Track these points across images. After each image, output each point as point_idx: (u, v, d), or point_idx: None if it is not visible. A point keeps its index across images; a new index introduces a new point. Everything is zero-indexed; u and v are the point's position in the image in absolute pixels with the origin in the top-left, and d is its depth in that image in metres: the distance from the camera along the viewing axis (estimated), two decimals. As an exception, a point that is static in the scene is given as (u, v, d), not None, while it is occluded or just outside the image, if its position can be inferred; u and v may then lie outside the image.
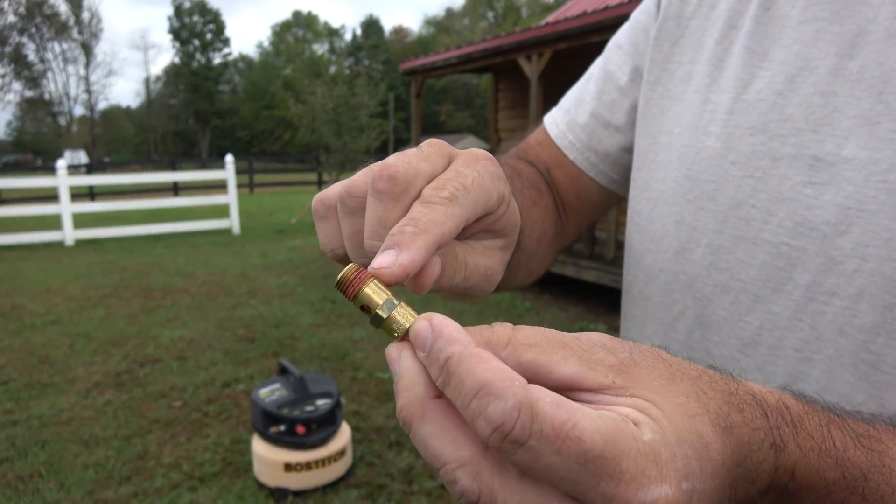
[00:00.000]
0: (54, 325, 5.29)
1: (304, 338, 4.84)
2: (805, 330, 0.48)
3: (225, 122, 64.97)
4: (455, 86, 55.16)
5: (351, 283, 0.32)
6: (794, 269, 0.49)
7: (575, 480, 0.25)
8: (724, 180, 0.54)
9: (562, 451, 0.25)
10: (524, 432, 0.25)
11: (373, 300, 0.31)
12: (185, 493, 2.70)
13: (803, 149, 0.49)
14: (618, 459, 0.25)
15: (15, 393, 3.82)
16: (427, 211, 0.33)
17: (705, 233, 0.55)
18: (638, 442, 0.26)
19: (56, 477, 2.85)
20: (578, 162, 0.71)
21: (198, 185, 19.18)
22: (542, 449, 0.25)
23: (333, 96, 11.56)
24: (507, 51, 7.86)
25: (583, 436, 0.25)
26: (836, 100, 0.48)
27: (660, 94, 0.63)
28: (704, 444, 0.29)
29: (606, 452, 0.25)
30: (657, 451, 0.26)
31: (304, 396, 2.78)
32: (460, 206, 0.34)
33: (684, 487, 0.27)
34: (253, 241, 10.06)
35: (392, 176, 0.34)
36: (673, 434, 0.27)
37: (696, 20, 0.61)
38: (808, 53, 0.50)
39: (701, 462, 0.28)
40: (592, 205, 0.73)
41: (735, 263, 0.53)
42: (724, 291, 0.54)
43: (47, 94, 61.03)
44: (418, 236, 0.32)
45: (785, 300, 0.49)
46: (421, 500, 2.66)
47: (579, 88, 0.74)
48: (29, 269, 7.81)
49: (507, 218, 0.40)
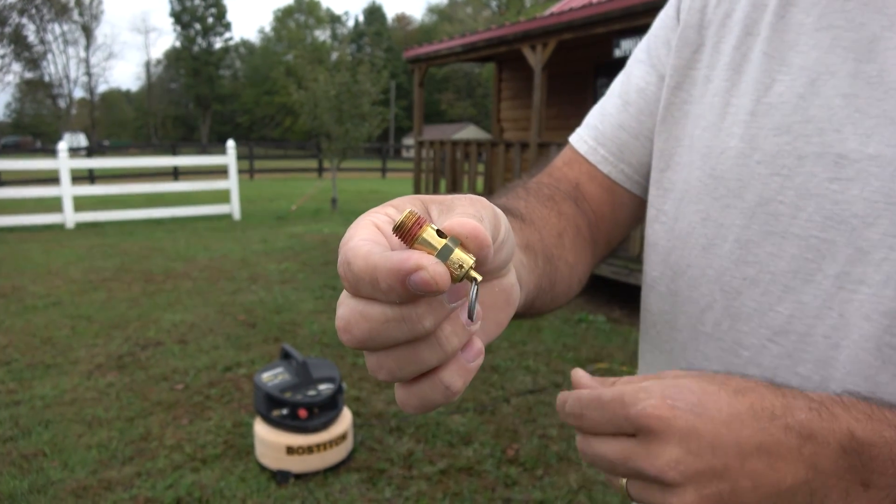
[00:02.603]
0: (56, 306, 5.31)
1: (304, 324, 4.87)
2: (834, 317, 0.50)
3: (225, 108, 64.69)
4: (457, 75, 54.88)
5: (410, 230, 0.31)
6: (824, 260, 0.51)
7: (608, 420, 0.45)
8: (749, 178, 0.56)
9: (601, 409, 0.44)
10: (577, 409, 0.47)
11: (430, 246, 0.31)
12: (188, 473, 2.73)
13: (828, 147, 0.51)
14: (620, 396, 0.45)
15: (18, 373, 3.84)
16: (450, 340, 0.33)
17: (732, 228, 0.57)
18: (634, 386, 0.45)
19: (60, 456, 2.88)
20: (613, 175, 0.72)
21: (198, 170, 19.15)
22: (590, 413, 0.45)
23: (335, 83, 11.50)
24: (511, 40, 7.83)
25: (601, 396, 0.47)
26: (857, 101, 0.50)
27: (681, 98, 0.65)
28: (703, 390, 0.43)
29: (615, 396, 0.45)
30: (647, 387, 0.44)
31: (306, 381, 2.81)
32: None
33: (668, 403, 0.42)
34: (253, 227, 10.07)
35: (343, 329, 0.32)
36: (670, 382, 0.45)
37: (713, 28, 0.63)
38: (826, 59, 0.52)
39: (696, 398, 0.42)
40: (627, 214, 0.74)
41: (764, 257, 0.55)
42: (754, 284, 0.56)
43: (47, 75, 60.70)
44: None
45: (815, 290, 0.52)
46: (420, 484, 2.69)
47: (602, 105, 0.75)
48: (30, 251, 7.82)
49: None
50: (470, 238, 0.31)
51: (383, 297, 0.31)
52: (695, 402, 0.41)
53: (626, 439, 0.42)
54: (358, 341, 0.32)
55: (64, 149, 10.01)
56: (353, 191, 17.24)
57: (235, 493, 2.60)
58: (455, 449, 2.99)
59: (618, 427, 0.42)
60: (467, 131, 42.81)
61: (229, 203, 11.18)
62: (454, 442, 3.05)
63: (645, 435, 0.41)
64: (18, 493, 2.58)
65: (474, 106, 56.79)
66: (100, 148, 28.99)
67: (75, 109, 64.60)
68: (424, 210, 0.36)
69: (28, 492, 2.59)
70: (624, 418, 0.42)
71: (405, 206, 0.35)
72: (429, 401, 0.34)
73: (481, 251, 0.31)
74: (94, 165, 15.29)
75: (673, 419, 0.40)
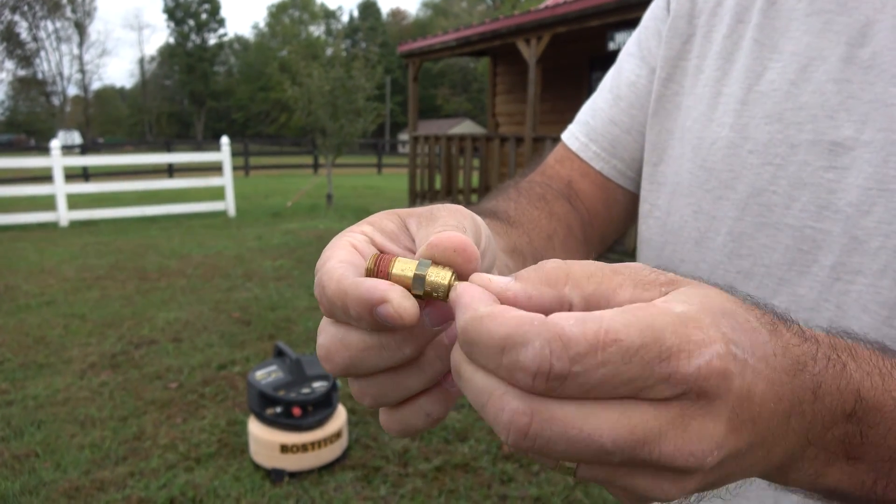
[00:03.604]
0: (49, 305, 5.27)
1: (299, 321, 4.85)
2: (831, 309, 0.49)
3: (220, 104, 64.51)
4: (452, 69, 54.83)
5: (379, 270, 0.31)
6: (819, 250, 0.50)
7: (630, 380, 0.25)
8: (741, 169, 0.55)
9: (606, 361, 0.24)
10: (563, 363, 0.24)
11: (403, 275, 0.31)
12: (182, 473, 2.71)
13: (821, 135, 0.50)
14: (659, 340, 0.25)
15: (10, 373, 3.82)
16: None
17: (725, 221, 0.56)
18: (671, 315, 0.26)
19: (52, 457, 2.86)
20: (605, 171, 0.71)
21: (193, 167, 19.09)
22: (587, 369, 0.24)
23: (330, 78, 11.45)
24: (505, 34, 7.80)
25: (618, 336, 0.24)
26: (850, 86, 0.49)
27: (673, 90, 0.64)
28: (752, 326, 0.28)
29: (646, 338, 0.25)
30: (696, 317, 0.26)
31: (300, 379, 2.79)
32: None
33: (734, 350, 0.26)
34: (248, 224, 10.03)
35: (324, 357, 0.32)
36: (714, 306, 0.27)
37: (703, 16, 0.62)
38: (818, 44, 0.51)
39: (750, 339, 0.27)
40: (620, 211, 0.74)
41: (758, 249, 0.54)
42: (748, 277, 0.55)
43: (40, 73, 60.45)
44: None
45: (810, 281, 0.51)
46: (416, 482, 2.68)
47: (593, 100, 0.74)
48: (23, 250, 7.77)
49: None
50: (458, 251, 0.30)
51: (356, 325, 0.30)
52: (748, 346, 0.27)
53: (647, 408, 0.26)
54: (341, 369, 0.31)
55: (57, 146, 9.95)
56: (348, 186, 17.20)
57: (230, 492, 2.58)
58: (451, 446, 2.98)
59: (641, 389, 0.25)
60: (463, 126, 42.75)
61: (224, 200, 11.14)
62: (450, 438, 3.04)
63: (693, 402, 0.26)
64: (10, 494, 2.56)
65: (470, 101, 56.73)
66: (94, 145, 28.88)
67: (69, 107, 64.32)
68: (402, 225, 0.35)
69: (20, 493, 2.57)
70: (666, 377, 0.25)
71: (381, 222, 0.35)
72: (411, 426, 0.33)
73: (469, 264, 0.31)
74: (88, 163, 15.23)
75: (734, 377, 0.26)
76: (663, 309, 0.26)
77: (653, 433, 0.25)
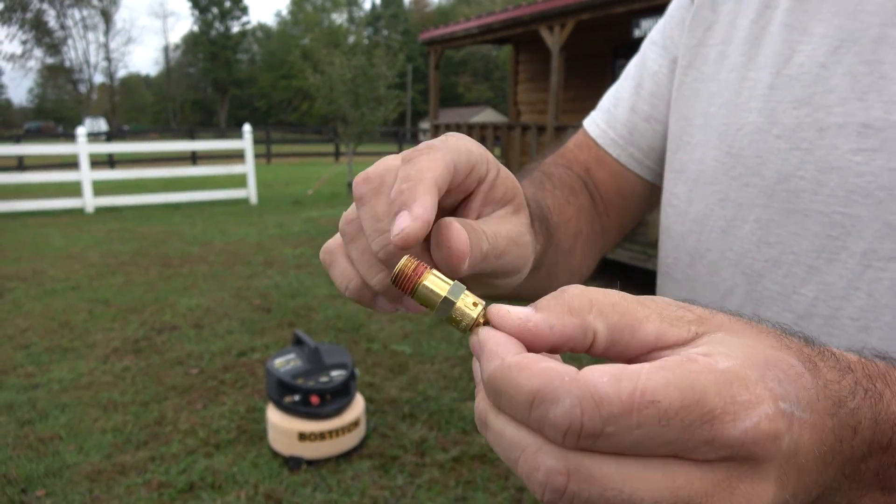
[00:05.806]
0: (74, 290, 5.36)
1: (319, 309, 4.86)
2: (862, 298, 0.48)
3: (243, 92, 64.94)
4: (474, 57, 54.52)
5: (409, 278, 0.30)
6: (849, 237, 0.48)
7: (668, 442, 0.23)
8: (768, 154, 0.53)
9: (642, 423, 0.23)
10: (595, 424, 0.23)
11: (433, 293, 0.29)
12: (201, 458, 2.74)
13: (850, 117, 0.48)
14: (701, 401, 0.23)
15: (36, 357, 3.89)
16: (411, 165, 0.33)
17: (752, 208, 0.55)
18: (714, 373, 0.24)
19: (75, 440, 2.90)
20: (622, 158, 0.71)
21: (216, 154, 19.25)
22: (621, 430, 0.23)
23: (351, 66, 11.45)
24: (528, 21, 7.70)
25: (655, 397, 0.23)
26: (882, 67, 0.47)
27: (693, 77, 0.63)
28: (796, 372, 0.26)
29: (686, 400, 0.23)
30: (741, 374, 0.24)
31: (318, 367, 2.79)
32: (441, 152, 0.34)
33: (782, 407, 0.25)
34: (270, 212, 10.09)
35: (365, 178, 0.35)
36: (757, 357, 0.26)
37: (729, 3, 0.61)
38: (850, 25, 0.49)
39: (796, 388, 0.26)
40: (637, 200, 0.73)
41: (786, 237, 0.52)
42: (776, 265, 0.53)
43: (68, 61, 61.34)
44: (416, 185, 0.32)
45: (840, 269, 0.49)
46: (433, 472, 2.67)
47: (616, 88, 0.74)
48: (50, 235, 7.91)
49: (502, 182, 0.39)
50: (451, 253, 0.33)
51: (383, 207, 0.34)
52: (794, 398, 0.26)
53: (692, 468, 0.24)
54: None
55: (83, 134, 10.08)
56: (369, 175, 17.21)
57: (248, 478, 2.60)
58: (468, 436, 2.97)
59: (683, 450, 0.24)
60: (485, 115, 42.49)
61: (246, 187, 11.22)
62: (467, 429, 3.03)
63: (740, 464, 0.24)
64: (35, 475, 2.61)
65: (492, 89, 56.37)
66: (120, 133, 29.26)
67: (96, 94, 65.22)
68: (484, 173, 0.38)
69: (44, 475, 2.61)
70: (710, 440, 0.23)
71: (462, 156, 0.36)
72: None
73: (453, 263, 0.33)
74: (113, 150, 15.45)
75: (783, 438, 0.25)
76: (706, 366, 0.24)
77: (698, 496, 0.24)
